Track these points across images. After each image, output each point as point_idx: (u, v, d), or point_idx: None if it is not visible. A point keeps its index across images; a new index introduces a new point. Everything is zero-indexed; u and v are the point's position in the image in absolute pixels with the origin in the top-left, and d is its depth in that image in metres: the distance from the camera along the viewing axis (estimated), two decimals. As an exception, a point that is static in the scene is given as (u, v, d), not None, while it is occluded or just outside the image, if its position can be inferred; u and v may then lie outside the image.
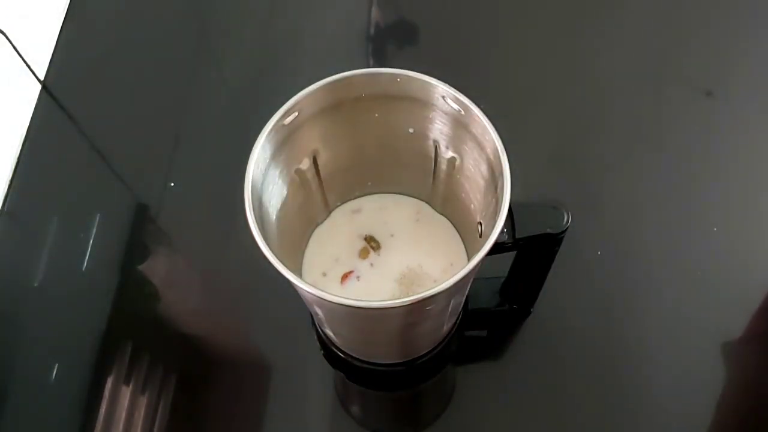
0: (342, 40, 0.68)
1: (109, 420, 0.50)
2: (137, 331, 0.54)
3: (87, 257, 0.55)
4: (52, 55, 0.65)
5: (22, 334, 0.54)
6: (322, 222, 0.50)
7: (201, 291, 0.56)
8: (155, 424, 0.50)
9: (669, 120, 0.62)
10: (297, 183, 0.44)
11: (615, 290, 0.54)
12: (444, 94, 0.40)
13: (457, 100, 0.40)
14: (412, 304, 0.35)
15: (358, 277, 0.48)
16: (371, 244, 0.49)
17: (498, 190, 0.38)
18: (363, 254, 0.49)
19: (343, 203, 0.51)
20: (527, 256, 0.45)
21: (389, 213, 0.50)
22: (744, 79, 0.64)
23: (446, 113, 0.41)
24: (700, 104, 0.62)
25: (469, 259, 0.42)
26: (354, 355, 0.49)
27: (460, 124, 0.41)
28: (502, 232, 0.36)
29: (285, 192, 0.43)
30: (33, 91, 0.63)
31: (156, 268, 0.57)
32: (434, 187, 0.48)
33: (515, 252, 0.44)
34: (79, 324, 0.54)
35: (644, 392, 0.50)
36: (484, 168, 0.41)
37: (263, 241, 0.35)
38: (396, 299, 0.35)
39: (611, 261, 0.55)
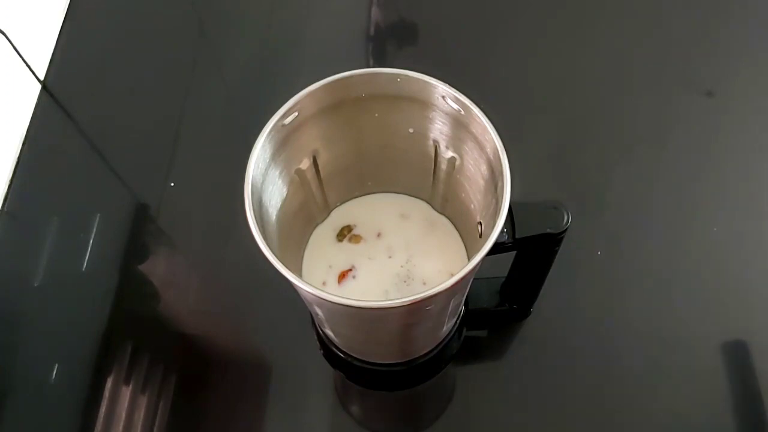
0: (342, 40, 0.68)
1: (109, 420, 0.50)
2: (137, 331, 0.54)
3: (87, 257, 0.55)
4: (52, 55, 0.65)
5: (22, 334, 0.54)
6: (322, 222, 0.50)
7: (201, 291, 0.56)
8: (155, 424, 0.50)
9: (669, 120, 0.62)
10: (297, 183, 0.44)
11: (615, 290, 0.54)
12: (444, 94, 0.40)
13: (457, 100, 0.40)
14: (412, 304, 0.35)
15: (354, 276, 0.48)
16: (344, 232, 0.49)
17: (498, 190, 0.38)
18: (339, 238, 0.49)
19: (343, 203, 0.51)
20: (527, 256, 0.45)
21: (389, 213, 0.51)
22: (744, 79, 0.64)
23: (446, 113, 0.41)
24: (700, 104, 0.62)
25: (469, 259, 0.42)
26: (354, 355, 0.49)
27: (460, 124, 0.41)
28: (502, 232, 0.36)
29: (285, 192, 0.43)
30: (33, 91, 0.63)
31: (156, 268, 0.57)
32: (434, 187, 0.48)
33: (515, 252, 0.44)
34: (79, 324, 0.54)
35: (644, 392, 0.50)
36: (484, 168, 0.41)
37: (263, 241, 0.35)
38: (395, 299, 0.35)
39: (611, 261, 0.55)
